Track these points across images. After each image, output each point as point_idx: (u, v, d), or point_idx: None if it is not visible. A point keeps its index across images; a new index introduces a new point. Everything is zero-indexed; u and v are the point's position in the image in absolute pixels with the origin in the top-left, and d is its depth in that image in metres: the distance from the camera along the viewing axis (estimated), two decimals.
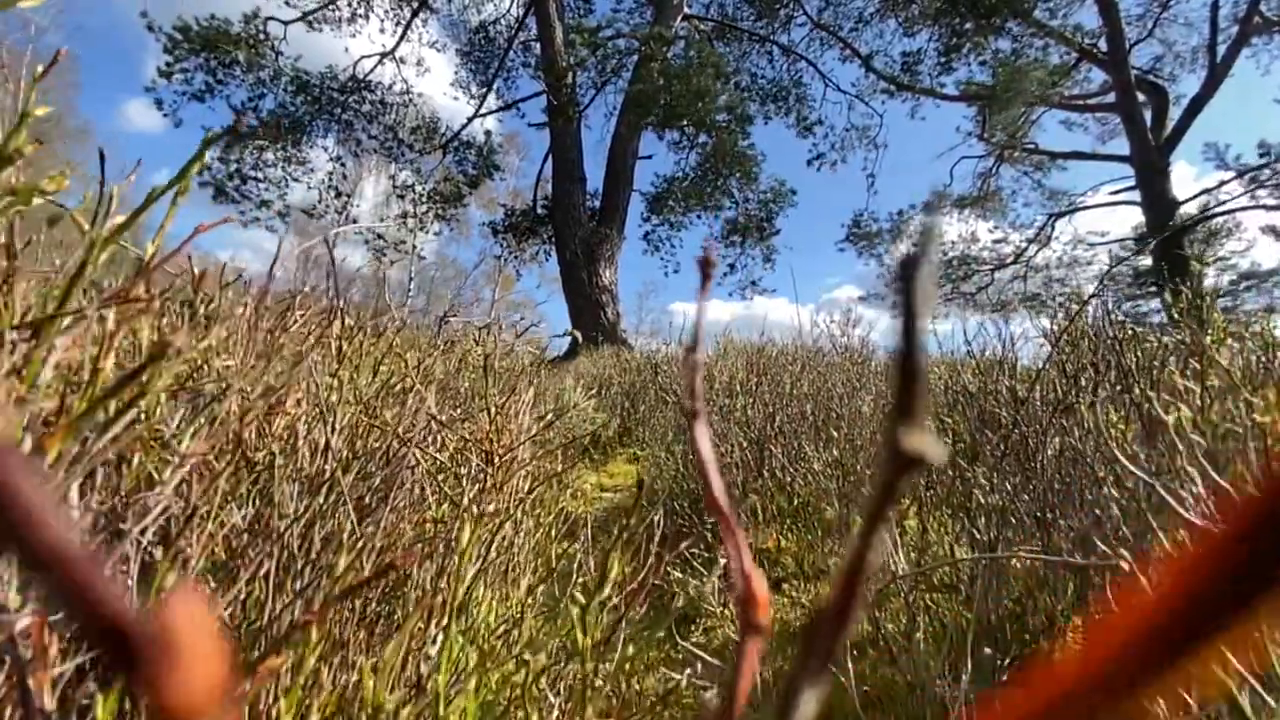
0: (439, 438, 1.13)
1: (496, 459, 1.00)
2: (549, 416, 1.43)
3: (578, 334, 2.23)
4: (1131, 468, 0.85)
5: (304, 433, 0.89)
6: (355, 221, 20.59)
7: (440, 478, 1.10)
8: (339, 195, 19.13)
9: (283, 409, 1.01)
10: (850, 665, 1.67)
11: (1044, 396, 1.76)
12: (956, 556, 1.69)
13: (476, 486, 0.98)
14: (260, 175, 17.36)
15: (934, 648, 1.52)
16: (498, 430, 1.00)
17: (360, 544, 0.81)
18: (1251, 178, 15.80)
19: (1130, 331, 1.61)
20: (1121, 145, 17.50)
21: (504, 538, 1.41)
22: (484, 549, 0.99)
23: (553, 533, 1.75)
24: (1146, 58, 18.49)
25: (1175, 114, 16.69)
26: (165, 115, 16.28)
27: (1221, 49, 16.19)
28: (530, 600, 1.16)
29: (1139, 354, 1.53)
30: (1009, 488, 1.52)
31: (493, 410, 1.00)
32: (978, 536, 1.56)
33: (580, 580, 1.48)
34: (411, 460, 1.02)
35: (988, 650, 1.44)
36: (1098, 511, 1.36)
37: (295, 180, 18.01)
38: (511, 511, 1.09)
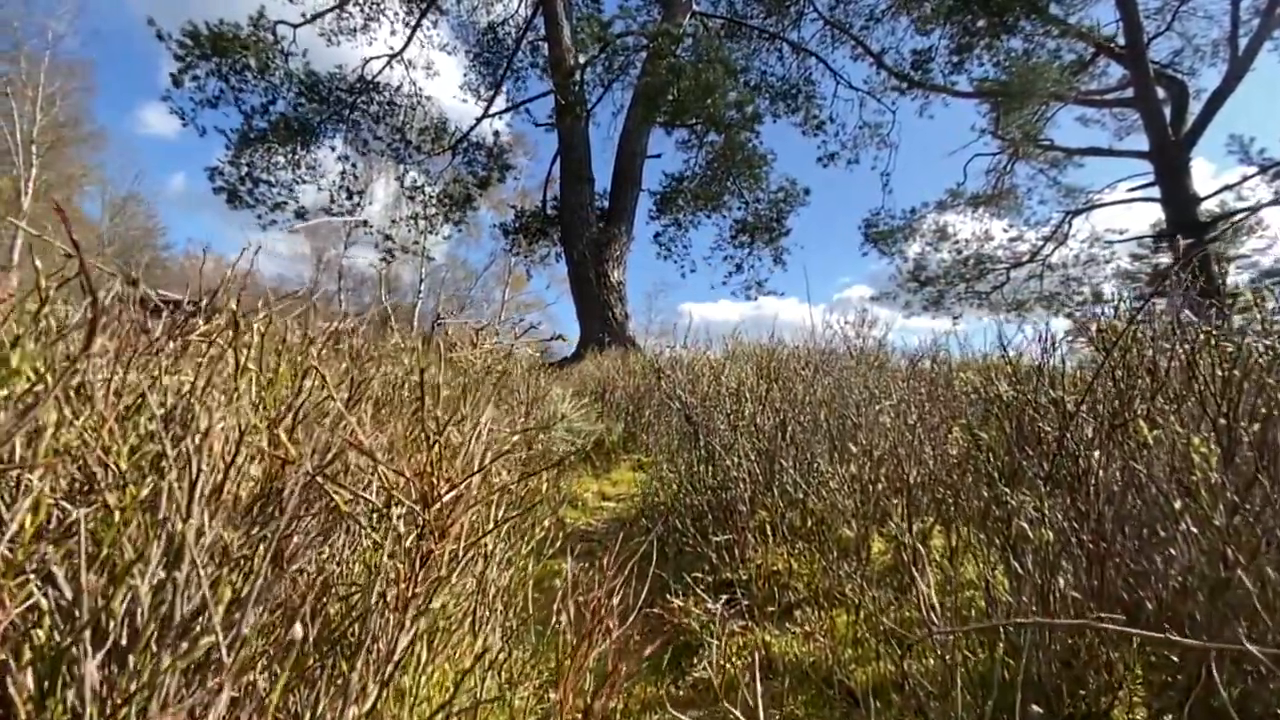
0: (377, 472, 0.92)
1: (438, 499, 0.80)
2: (517, 437, 1.22)
3: (564, 336, 2.03)
4: None
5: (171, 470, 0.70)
6: (366, 223, 20.62)
7: (377, 519, 0.91)
8: (350, 196, 19.17)
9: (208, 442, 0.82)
10: (871, 715, 1.47)
11: (1093, 408, 1.54)
12: (993, 590, 1.48)
13: (414, 533, 0.79)
14: (272, 179, 17.44)
15: (972, 701, 1.31)
16: (436, 462, 0.81)
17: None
18: (1276, 173, 15.39)
19: (1204, 335, 1.39)
20: (1140, 141, 17.13)
21: (469, 578, 1.21)
22: (421, 606, 0.80)
23: (529, 566, 1.55)
24: (1165, 51, 18.10)
25: (1195, 108, 16.31)
26: (186, 124, 16.30)
27: (1243, 42, 15.80)
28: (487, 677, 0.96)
29: (1216, 362, 1.31)
30: (1059, 518, 1.31)
31: (431, 438, 0.81)
32: (1021, 572, 1.34)
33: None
34: (326, 502, 0.83)
35: (1037, 708, 1.23)
36: (1171, 551, 1.15)
37: (305, 182, 18.06)
38: (459, 557, 0.90)
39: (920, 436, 2.16)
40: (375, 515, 0.91)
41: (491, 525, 1.21)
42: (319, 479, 0.79)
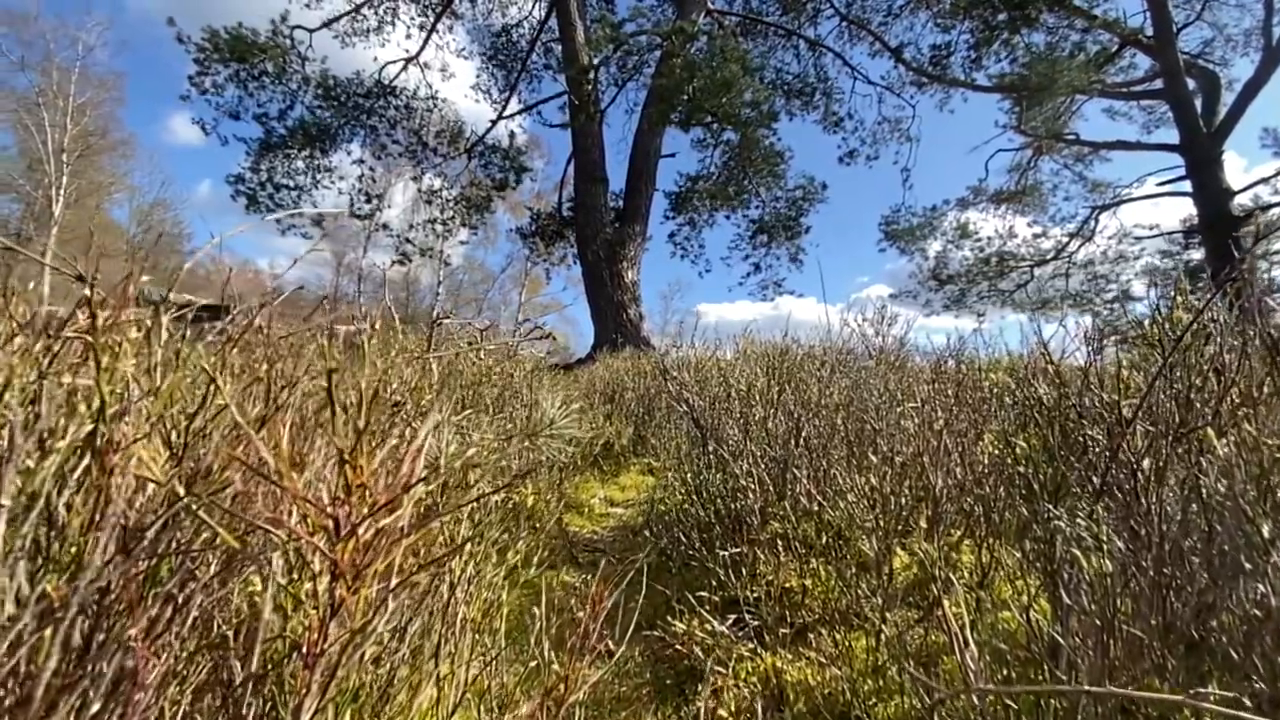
0: (290, 501, 0.75)
1: (353, 531, 0.64)
2: (472, 451, 1.06)
3: (555, 335, 1.88)
4: None
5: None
6: (386, 226, 20.72)
7: (295, 558, 0.75)
8: (369, 200, 19.27)
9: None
10: None
11: (1150, 413, 1.35)
12: (1033, 620, 1.29)
13: (326, 574, 0.63)
14: (291, 183, 17.58)
15: None
16: (356, 488, 0.65)
17: None
18: None
19: None
20: (1169, 134, 16.64)
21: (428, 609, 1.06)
22: (331, 665, 0.64)
23: (504, 594, 1.39)
24: (1195, 42, 17.56)
25: (1228, 100, 15.81)
26: (208, 134, 16.50)
27: (1277, 31, 15.28)
28: None
29: None
30: (1118, 542, 1.12)
31: (345, 456, 0.65)
32: (1069, 602, 1.16)
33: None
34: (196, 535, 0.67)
35: None
36: (1260, 586, 0.96)
37: (325, 187, 18.22)
38: (395, 595, 0.74)
39: (946, 444, 1.97)
40: (293, 554, 0.76)
41: (414, 570, 1.05)
42: (193, 506, 0.64)
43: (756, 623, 2.06)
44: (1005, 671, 1.34)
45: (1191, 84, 16.07)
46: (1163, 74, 16.12)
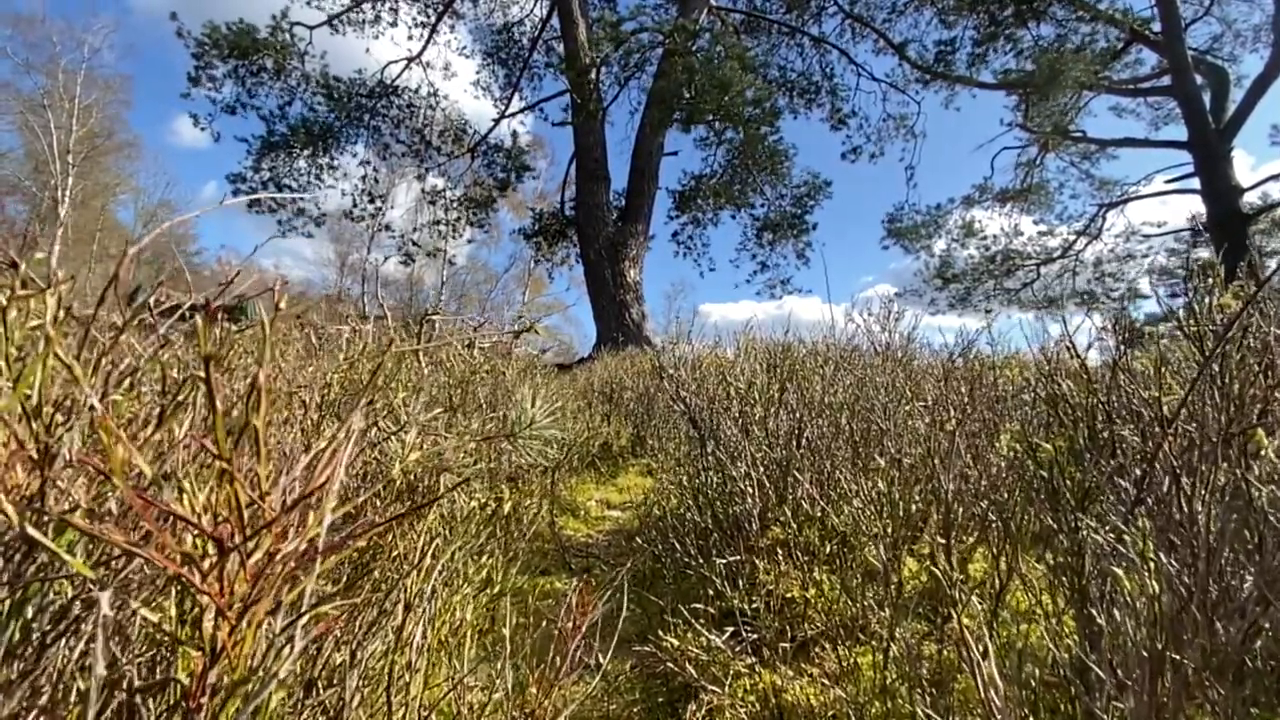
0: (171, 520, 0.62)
1: (242, 554, 0.52)
2: (412, 456, 0.93)
3: (538, 329, 1.77)
4: None
5: None
6: (389, 227, 20.60)
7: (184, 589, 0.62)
8: (372, 200, 19.16)
9: None
10: None
11: (1193, 413, 1.21)
12: (1072, 648, 1.16)
13: (211, 610, 0.51)
14: (294, 183, 17.45)
15: None
16: (234, 504, 0.53)
17: None
18: None
19: None
20: (1177, 131, 16.42)
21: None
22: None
23: (470, 614, 1.26)
24: (1203, 37, 17.32)
25: (1236, 96, 15.60)
26: (202, 129, 16.39)
27: None
28: None
29: None
30: (1163, 561, 0.98)
31: (225, 460, 0.53)
32: (1103, 623, 1.03)
33: None
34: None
35: None
36: None
37: (329, 187, 18.11)
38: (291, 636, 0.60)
39: (959, 446, 1.84)
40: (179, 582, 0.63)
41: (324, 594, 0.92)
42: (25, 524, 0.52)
43: (755, 636, 1.93)
44: (1026, 693, 1.21)
45: (1200, 80, 15.85)
46: (1171, 70, 15.92)
